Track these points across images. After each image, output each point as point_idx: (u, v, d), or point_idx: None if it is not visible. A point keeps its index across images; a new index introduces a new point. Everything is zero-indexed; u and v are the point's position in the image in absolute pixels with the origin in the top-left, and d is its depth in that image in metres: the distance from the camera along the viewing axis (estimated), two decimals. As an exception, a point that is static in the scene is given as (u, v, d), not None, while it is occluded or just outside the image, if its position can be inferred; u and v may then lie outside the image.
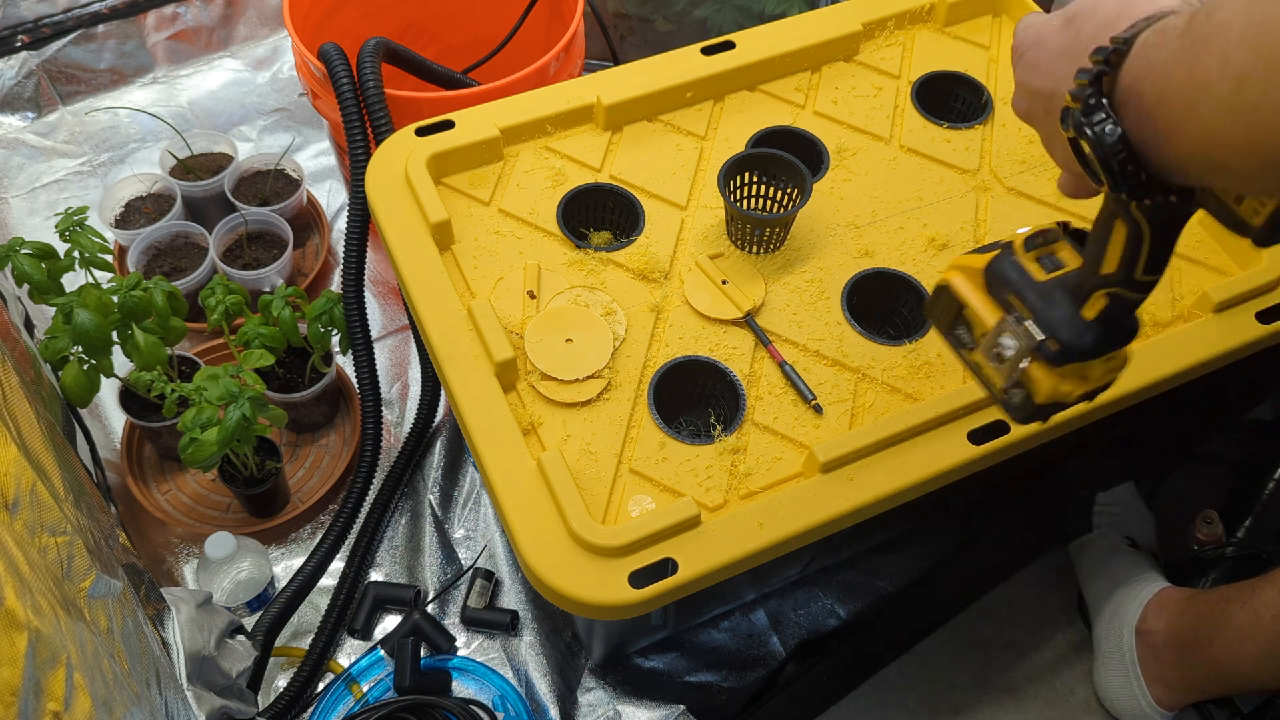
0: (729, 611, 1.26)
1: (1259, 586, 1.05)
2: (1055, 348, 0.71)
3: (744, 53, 1.19)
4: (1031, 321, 0.73)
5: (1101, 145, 0.58)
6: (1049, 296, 0.72)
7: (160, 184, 1.50)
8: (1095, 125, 0.58)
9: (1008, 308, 0.75)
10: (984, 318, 0.77)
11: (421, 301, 1.00)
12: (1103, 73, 0.58)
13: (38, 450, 0.90)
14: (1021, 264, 0.74)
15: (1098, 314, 0.70)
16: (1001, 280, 0.75)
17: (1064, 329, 0.71)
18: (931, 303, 0.82)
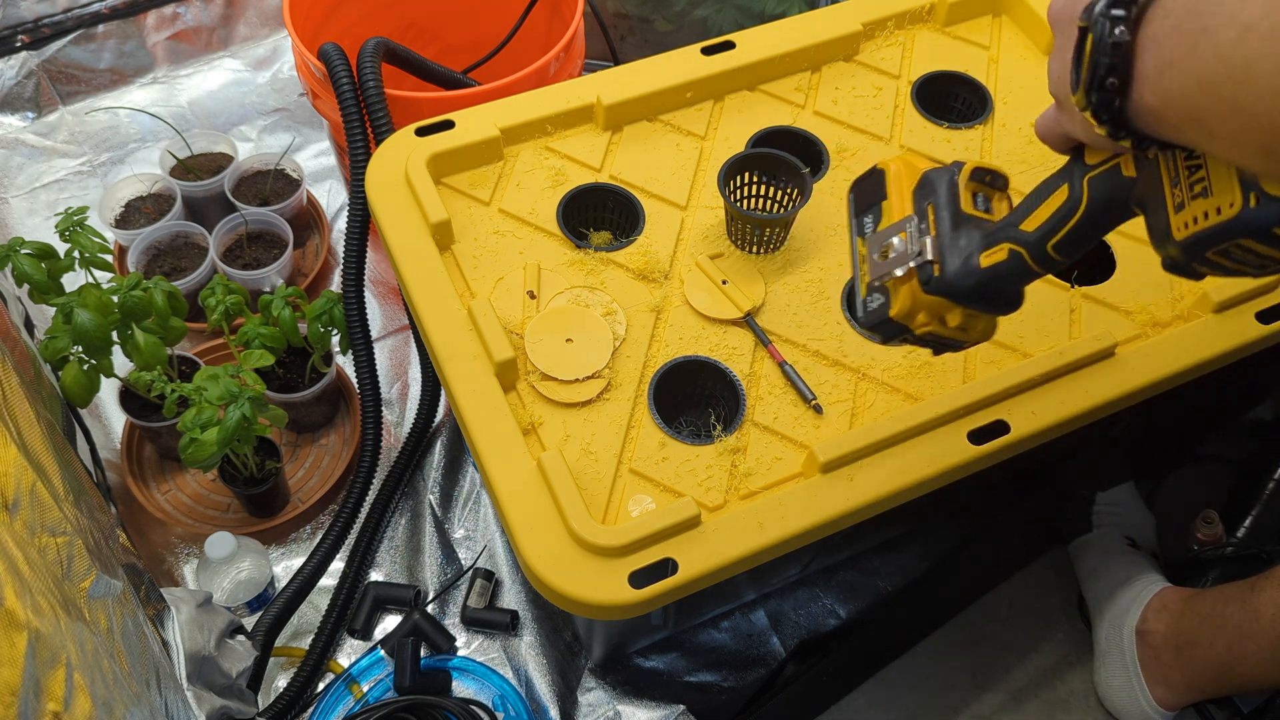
0: (729, 611, 1.26)
1: (1259, 586, 1.05)
2: (935, 272, 0.71)
3: (744, 53, 1.19)
4: (931, 239, 0.72)
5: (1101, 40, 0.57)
6: (961, 227, 0.72)
7: (160, 184, 1.50)
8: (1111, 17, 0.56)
9: (921, 215, 0.74)
10: (894, 212, 0.76)
11: (421, 301, 1.00)
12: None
13: (38, 450, 0.90)
14: (958, 185, 0.74)
15: (992, 264, 0.69)
16: (931, 189, 0.75)
17: (954, 259, 0.71)
18: (859, 181, 0.80)
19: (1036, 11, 1.24)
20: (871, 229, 0.77)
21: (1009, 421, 0.96)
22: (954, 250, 0.71)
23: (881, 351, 1.02)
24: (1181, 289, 1.08)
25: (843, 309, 1.05)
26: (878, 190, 0.78)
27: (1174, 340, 1.02)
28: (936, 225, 0.72)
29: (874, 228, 0.77)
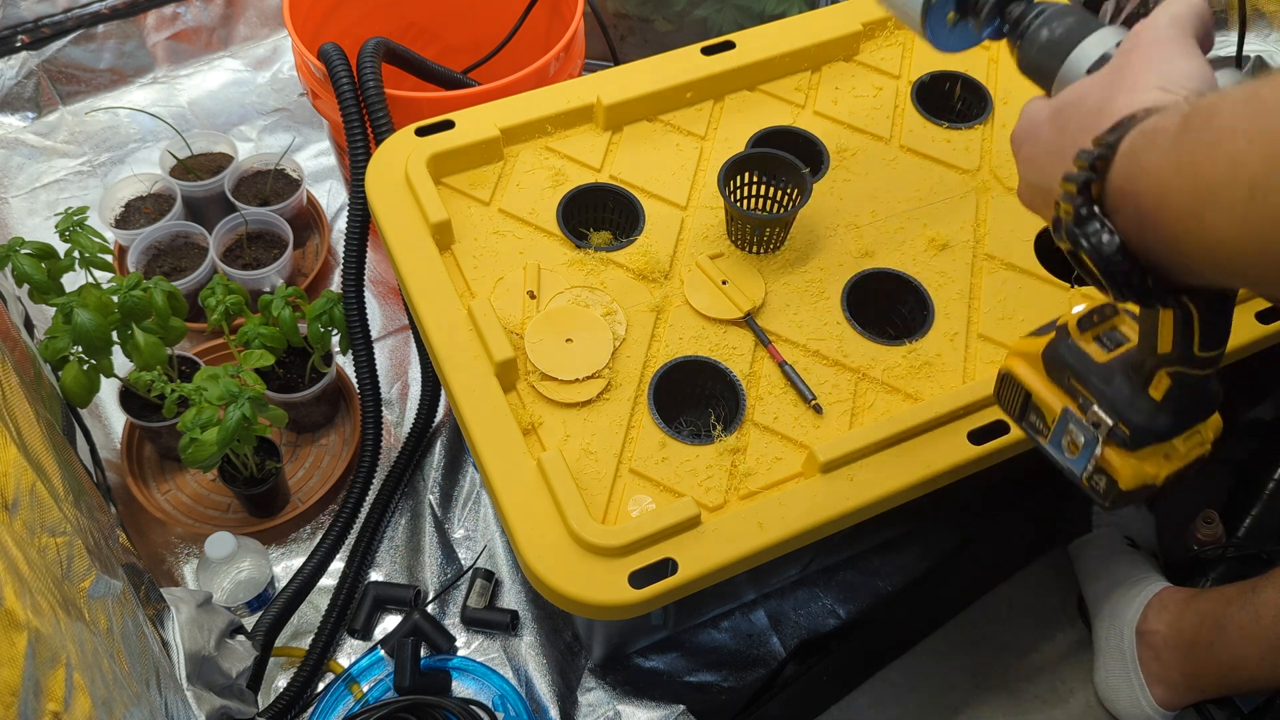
0: (729, 611, 1.26)
1: (1259, 587, 1.05)
2: (1127, 432, 0.68)
3: (744, 53, 1.19)
4: (1097, 406, 0.69)
5: (1101, 256, 0.56)
6: (1111, 378, 0.69)
7: (160, 184, 1.50)
8: (1091, 236, 0.56)
9: (1072, 393, 0.72)
10: (1053, 404, 0.73)
11: (421, 301, 1.00)
12: (1090, 180, 0.56)
13: (38, 450, 0.90)
14: (1079, 346, 0.72)
15: (1164, 394, 0.66)
16: (1061, 364, 0.72)
17: (1132, 412, 0.68)
18: (998, 391, 0.79)
19: (1036, 11, 1.24)
20: (1042, 426, 0.76)
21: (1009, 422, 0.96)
22: (1124, 403, 0.69)
23: (881, 351, 1.02)
24: (1181, 289, 1.07)
25: (843, 309, 1.05)
26: (1019, 391, 0.77)
27: (1174, 340, 1.02)
28: (1092, 392, 0.70)
29: (1043, 424, 0.75)
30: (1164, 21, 0.63)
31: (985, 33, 0.79)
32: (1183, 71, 0.60)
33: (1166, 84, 0.60)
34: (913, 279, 1.07)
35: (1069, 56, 0.70)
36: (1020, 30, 0.75)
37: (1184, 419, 0.69)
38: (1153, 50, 0.62)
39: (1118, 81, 0.62)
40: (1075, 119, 0.63)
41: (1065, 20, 0.72)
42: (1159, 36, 0.62)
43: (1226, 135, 0.48)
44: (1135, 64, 0.62)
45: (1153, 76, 0.60)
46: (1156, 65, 0.61)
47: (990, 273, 1.08)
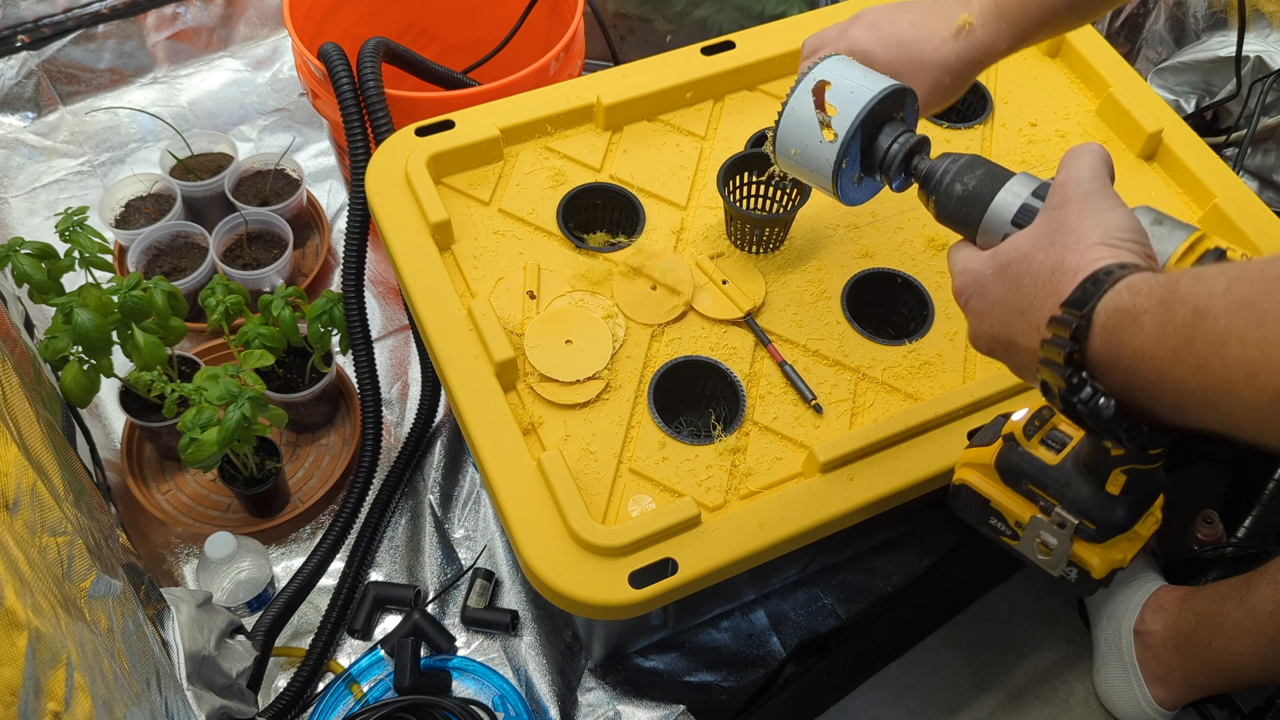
0: (729, 611, 1.26)
1: (1254, 583, 1.05)
2: (1093, 528, 0.72)
3: (744, 53, 1.19)
4: (1060, 508, 0.73)
5: (1100, 419, 0.58)
6: (1069, 479, 0.73)
7: (160, 184, 1.50)
8: (1088, 402, 0.58)
9: (1032, 497, 0.76)
10: (1015, 511, 0.77)
11: (421, 301, 1.00)
12: (1074, 350, 0.58)
13: (38, 450, 0.90)
14: (1030, 453, 0.75)
15: (1122, 488, 0.70)
16: (1016, 472, 0.76)
17: (1094, 510, 0.72)
18: (954, 499, 0.82)
19: (1036, 11, 1.24)
20: (1006, 528, 0.79)
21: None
22: (1085, 503, 0.72)
23: (881, 351, 1.02)
24: (1181, 289, 1.07)
25: (843, 309, 1.05)
26: (977, 500, 0.80)
27: (1174, 340, 1.02)
28: (1053, 495, 0.74)
29: (1006, 526, 0.79)
30: (1086, 174, 0.67)
31: (894, 185, 0.83)
32: (1119, 224, 0.64)
33: (1107, 239, 0.63)
34: (913, 279, 1.07)
35: (989, 207, 0.73)
36: (933, 185, 0.78)
37: (1141, 506, 0.73)
38: (1085, 204, 0.65)
39: (1060, 239, 0.64)
40: (1028, 278, 0.65)
41: (975, 173, 0.75)
42: (1086, 190, 0.66)
43: (1234, 341, 0.51)
44: (1072, 219, 0.65)
45: (1093, 232, 0.63)
46: (1091, 220, 0.64)
47: (990, 273, 1.08)
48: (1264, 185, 1.45)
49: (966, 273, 0.71)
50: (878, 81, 0.82)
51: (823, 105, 0.82)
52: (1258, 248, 1.07)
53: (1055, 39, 1.23)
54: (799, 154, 0.85)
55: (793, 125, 0.84)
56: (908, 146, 0.82)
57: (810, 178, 0.86)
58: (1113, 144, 1.18)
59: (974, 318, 0.71)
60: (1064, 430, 0.76)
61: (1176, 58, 1.52)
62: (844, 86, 0.82)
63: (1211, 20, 1.49)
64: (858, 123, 0.81)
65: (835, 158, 0.82)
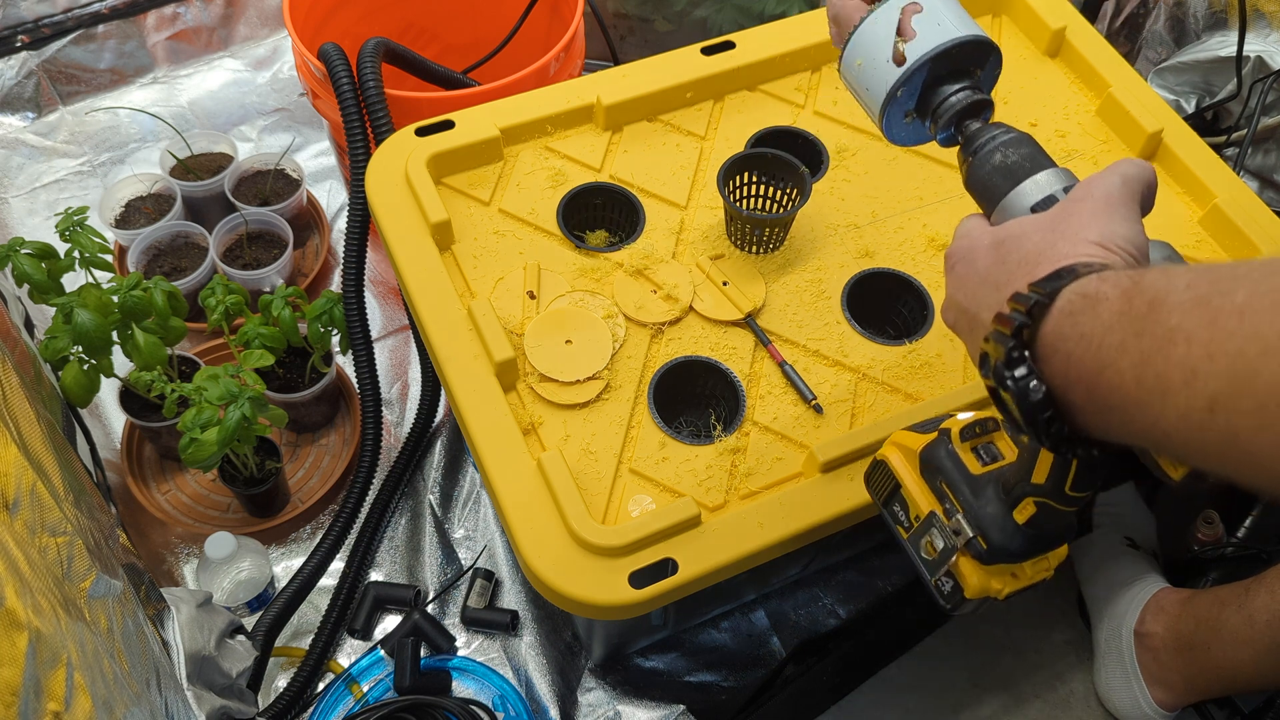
0: (729, 611, 1.26)
1: (1253, 589, 1.05)
2: (984, 547, 0.71)
3: (744, 53, 1.19)
4: (962, 516, 0.72)
5: (1025, 400, 0.56)
6: (982, 492, 0.72)
7: (160, 184, 1.50)
8: (1019, 380, 0.56)
9: (941, 496, 0.75)
10: (919, 502, 0.76)
11: (421, 301, 1.00)
12: (1024, 325, 0.57)
13: (38, 450, 0.90)
14: (957, 453, 0.74)
15: (1028, 519, 0.69)
16: (936, 467, 0.75)
17: (994, 530, 0.71)
18: (869, 475, 0.82)
19: (1036, 11, 1.24)
20: (904, 518, 0.78)
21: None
22: (988, 519, 0.71)
23: (881, 351, 1.02)
24: (1181, 289, 1.07)
25: (843, 309, 1.05)
26: (889, 479, 0.79)
27: (1174, 340, 1.02)
28: (960, 501, 0.73)
29: (905, 516, 0.78)
30: (1116, 181, 0.65)
31: (940, 137, 0.81)
32: (1123, 233, 0.62)
33: (1105, 241, 0.61)
34: (913, 279, 1.07)
35: (1018, 186, 0.71)
36: (975, 148, 0.75)
37: (1039, 545, 0.71)
38: (1100, 205, 0.63)
39: (1060, 227, 0.63)
40: (1012, 255, 0.65)
41: (1021, 150, 0.73)
42: (1108, 194, 0.64)
43: (1181, 339, 0.48)
44: (1081, 214, 0.63)
45: (1094, 231, 0.62)
46: (1100, 221, 0.62)
47: (990, 273, 1.08)
48: (1264, 185, 1.45)
49: (964, 237, 0.70)
50: (968, 26, 0.78)
51: (906, 28, 0.78)
52: (1258, 248, 1.07)
53: (1055, 39, 1.23)
54: (863, 66, 0.80)
55: (868, 36, 0.80)
56: (968, 101, 0.77)
57: (863, 96, 0.82)
58: (1112, 144, 1.18)
59: (953, 283, 0.70)
60: (999, 448, 0.75)
61: (1176, 58, 1.52)
62: (933, 17, 0.78)
63: (1211, 20, 1.49)
64: (930, 55, 0.76)
65: (894, 84, 0.78)
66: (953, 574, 0.74)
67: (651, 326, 1.03)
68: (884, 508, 0.80)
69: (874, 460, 0.81)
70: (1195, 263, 0.54)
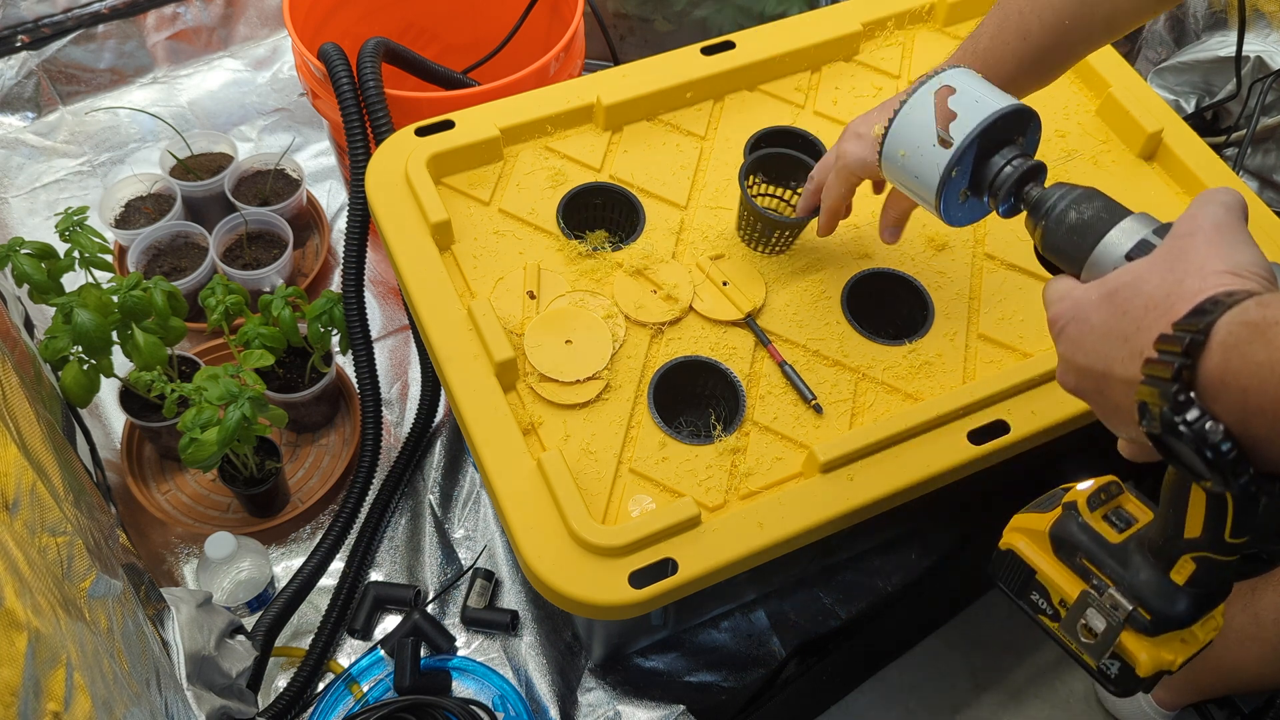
0: (729, 611, 1.26)
1: (1259, 589, 1.05)
2: (1148, 617, 0.66)
3: (744, 53, 1.19)
4: (1115, 590, 0.68)
5: (1205, 443, 0.53)
6: (1129, 561, 0.67)
7: (160, 184, 1.50)
8: (1193, 424, 0.53)
9: (1084, 574, 0.70)
10: (1063, 587, 0.71)
11: (421, 301, 1.00)
12: (1184, 366, 0.53)
13: (38, 450, 0.90)
14: (1090, 525, 0.70)
15: (1188, 578, 0.65)
16: (1072, 544, 0.71)
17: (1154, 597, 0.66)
18: (996, 565, 0.77)
19: (1036, 11, 1.24)
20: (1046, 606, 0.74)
21: (1009, 421, 0.96)
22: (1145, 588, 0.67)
23: (881, 351, 1.02)
24: (1181, 289, 1.07)
25: (843, 309, 1.05)
26: (1020, 569, 0.75)
27: (1174, 340, 1.02)
28: (1108, 575, 0.69)
29: (1047, 604, 0.74)
30: (1221, 211, 0.61)
31: (1001, 209, 0.78)
32: (1249, 259, 0.59)
33: (1235, 269, 0.58)
34: (913, 279, 1.07)
35: (1102, 239, 0.68)
36: (1045, 210, 0.73)
37: (1206, 604, 0.67)
38: (1216, 235, 0.60)
39: (1181, 265, 0.59)
40: (1133, 303, 0.60)
41: (1094, 204, 0.70)
42: (1220, 222, 0.61)
43: None
44: (1199, 247, 0.60)
45: (1219, 262, 0.58)
46: (1222, 250, 0.59)
47: (990, 273, 1.08)
48: (1264, 185, 1.45)
49: (1067, 299, 0.66)
50: (1004, 97, 0.77)
51: (944, 110, 0.77)
52: (1258, 248, 1.07)
53: (1055, 39, 1.23)
54: (907, 157, 0.79)
55: (907, 125, 0.79)
56: (1023, 170, 0.76)
57: (913, 186, 0.81)
58: (1112, 144, 1.18)
59: (1067, 347, 0.65)
60: (1129, 510, 0.71)
61: (1176, 58, 1.52)
62: (969, 95, 0.77)
63: (1211, 20, 1.49)
64: (978, 131, 0.76)
65: (947, 165, 0.77)
66: (1119, 655, 0.69)
67: (651, 326, 1.03)
68: (1020, 599, 0.75)
69: (998, 551, 0.76)
70: None
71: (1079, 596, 0.70)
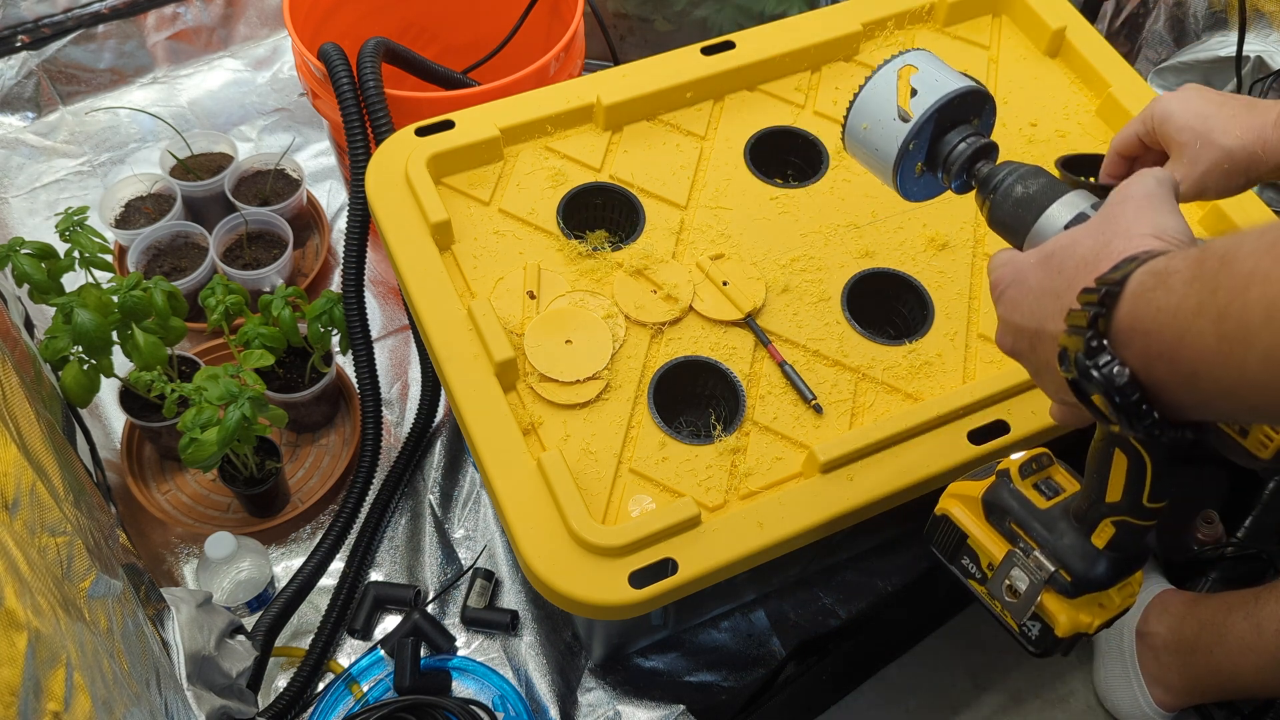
0: (729, 611, 1.26)
1: (1262, 597, 1.05)
2: (1068, 579, 0.70)
3: (744, 53, 1.19)
4: (1039, 552, 0.72)
5: (1112, 386, 0.56)
6: (1054, 525, 0.71)
7: (160, 184, 1.50)
8: (1102, 367, 0.57)
9: (1012, 538, 0.74)
10: (990, 549, 0.76)
11: (421, 301, 1.00)
12: (1099, 314, 0.57)
13: (38, 450, 0.90)
14: (1021, 491, 0.74)
15: (1108, 542, 0.68)
16: (1002, 509, 0.75)
17: (1075, 559, 0.70)
18: (930, 531, 0.81)
19: (1036, 11, 1.24)
20: (975, 569, 0.78)
21: (1009, 421, 0.96)
22: (1067, 550, 0.71)
23: (881, 351, 1.02)
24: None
25: (843, 309, 1.05)
26: (953, 533, 0.79)
27: (1174, 340, 1.02)
28: (1034, 538, 0.73)
29: (976, 568, 0.78)
30: (1153, 183, 0.66)
31: (954, 185, 0.83)
32: (1173, 225, 0.63)
33: (1159, 233, 0.62)
34: (913, 279, 1.07)
35: (1044, 213, 0.73)
36: (992, 186, 0.78)
37: (1124, 568, 0.71)
38: (1145, 202, 0.65)
39: (1111, 227, 0.64)
40: (1069, 262, 0.65)
41: (1039, 180, 0.75)
42: (1150, 192, 0.66)
43: (1258, 280, 0.49)
44: (1129, 213, 0.65)
45: (1145, 225, 0.63)
46: (1149, 215, 0.64)
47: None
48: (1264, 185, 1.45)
49: (1007, 265, 0.70)
50: (962, 79, 0.82)
51: (905, 87, 0.82)
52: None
53: (1055, 39, 1.23)
54: (869, 129, 0.84)
55: (871, 99, 0.84)
56: (975, 147, 0.81)
57: (872, 159, 0.85)
58: (1113, 144, 1.18)
59: (1006, 309, 0.70)
60: (1058, 480, 0.75)
61: (1176, 58, 1.52)
62: (929, 74, 0.82)
63: (1211, 20, 1.49)
64: (935, 108, 0.80)
65: (905, 138, 0.81)
66: (1040, 616, 0.73)
67: (651, 326, 1.03)
68: (952, 564, 0.80)
69: (933, 516, 0.80)
70: None
71: (1005, 556, 0.74)
